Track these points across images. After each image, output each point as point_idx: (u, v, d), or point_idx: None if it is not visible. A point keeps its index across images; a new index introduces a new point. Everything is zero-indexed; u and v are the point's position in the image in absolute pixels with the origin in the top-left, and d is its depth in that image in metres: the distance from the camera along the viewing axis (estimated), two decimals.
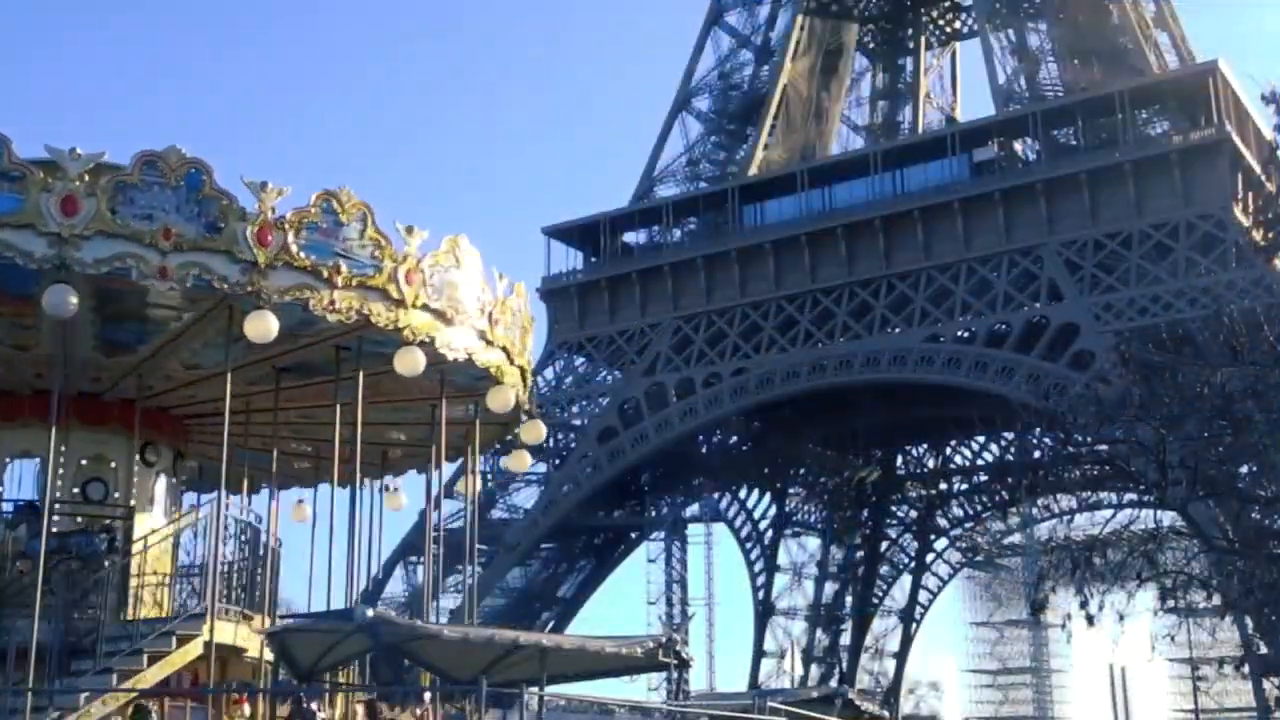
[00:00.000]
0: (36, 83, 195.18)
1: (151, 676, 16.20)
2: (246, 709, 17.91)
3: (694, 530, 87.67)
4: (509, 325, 18.67)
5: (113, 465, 19.07)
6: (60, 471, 18.07)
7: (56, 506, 18.04)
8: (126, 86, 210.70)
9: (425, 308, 16.84)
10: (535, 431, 21.31)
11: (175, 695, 17.72)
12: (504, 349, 18.54)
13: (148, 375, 18.62)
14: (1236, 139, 70.79)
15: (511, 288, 18.91)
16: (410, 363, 16.86)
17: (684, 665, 18.44)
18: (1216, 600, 19.60)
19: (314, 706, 17.88)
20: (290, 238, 15.67)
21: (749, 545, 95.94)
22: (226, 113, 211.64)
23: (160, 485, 19.82)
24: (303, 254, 15.73)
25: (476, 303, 17.77)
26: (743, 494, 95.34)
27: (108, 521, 18.67)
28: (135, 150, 15.46)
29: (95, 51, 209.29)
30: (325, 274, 15.87)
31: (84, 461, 18.75)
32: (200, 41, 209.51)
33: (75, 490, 18.73)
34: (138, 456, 19.20)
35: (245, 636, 17.79)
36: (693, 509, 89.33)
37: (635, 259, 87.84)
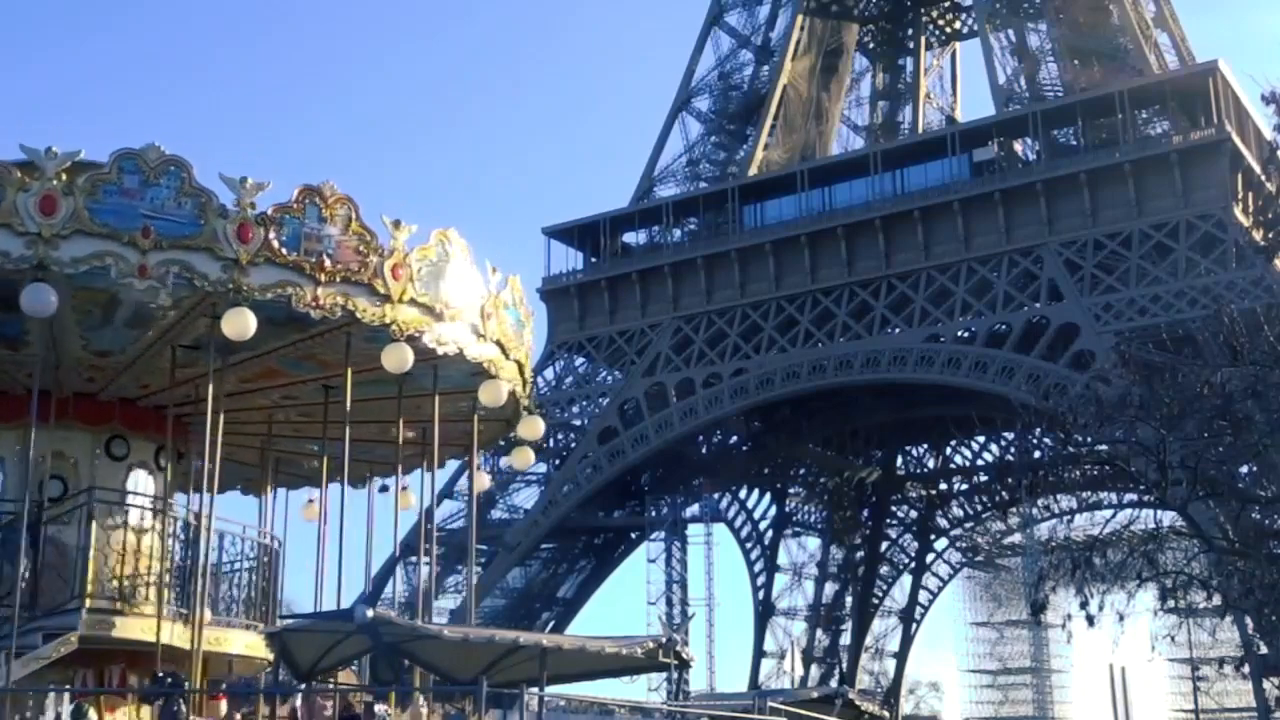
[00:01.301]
0: (36, 83, 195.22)
1: (14, 673, 15.78)
2: (223, 707, 17.88)
3: (694, 530, 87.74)
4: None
5: (72, 461, 18.76)
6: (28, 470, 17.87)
7: (12, 505, 17.82)
8: (126, 87, 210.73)
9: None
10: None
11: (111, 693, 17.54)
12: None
13: (109, 371, 18.33)
14: (1236, 139, 70.80)
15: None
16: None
17: (684, 665, 18.45)
18: (1216, 600, 19.58)
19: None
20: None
21: (749, 545, 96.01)
22: (226, 113, 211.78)
23: (136, 480, 19.35)
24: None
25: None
26: (743, 494, 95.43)
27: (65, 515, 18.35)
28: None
29: (95, 51, 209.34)
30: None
31: (42, 459, 18.39)
32: (199, 42, 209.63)
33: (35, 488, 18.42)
34: (101, 450, 18.87)
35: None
36: (693, 509, 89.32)
37: (635, 259, 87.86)
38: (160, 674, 16.77)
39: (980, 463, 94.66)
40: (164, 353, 17.34)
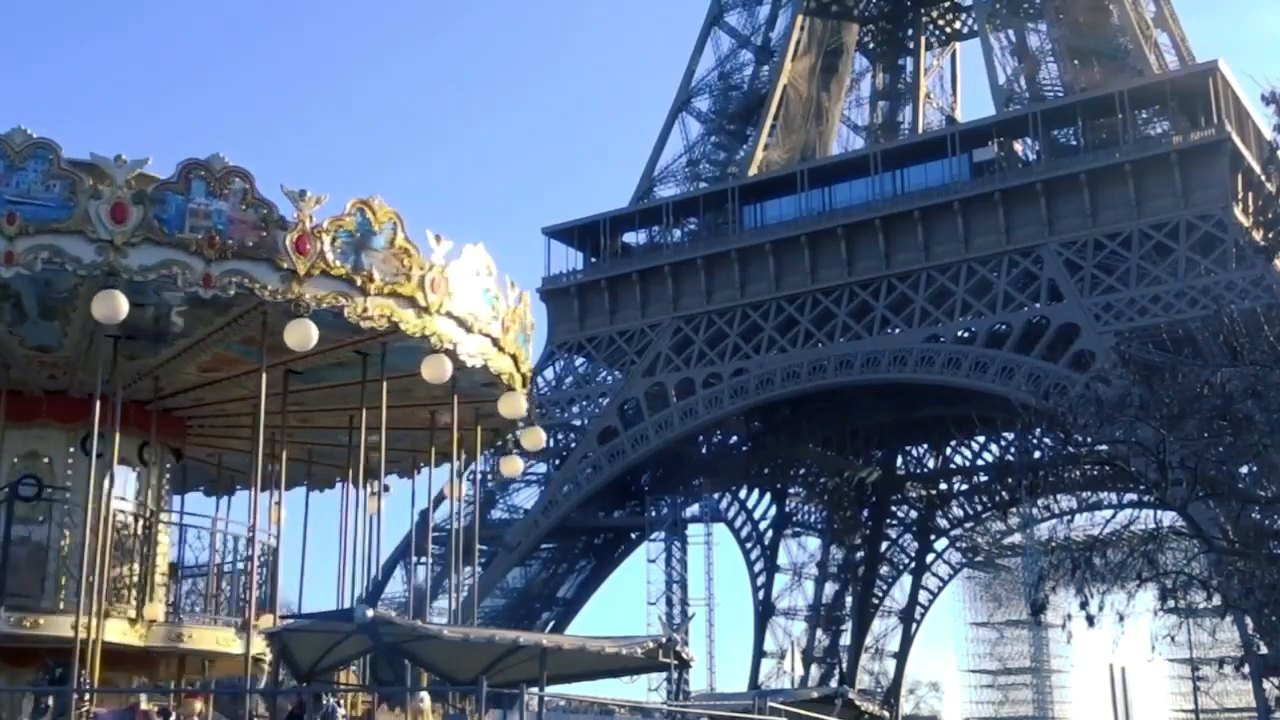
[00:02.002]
0: (36, 83, 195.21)
1: None
2: (198, 705, 17.90)
3: (694, 530, 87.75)
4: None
5: (46, 460, 18.75)
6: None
7: None
8: (126, 87, 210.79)
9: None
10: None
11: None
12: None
13: (63, 366, 18.24)
14: (1236, 139, 70.80)
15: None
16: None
17: (684, 665, 18.46)
18: (1216, 600, 19.55)
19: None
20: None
21: (749, 545, 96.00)
22: (226, 113, 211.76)
23: (119, 477, 19.02)
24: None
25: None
26: (743, 494, 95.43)
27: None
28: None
29: (95, 51, 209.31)
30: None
31: (15, 460, 18.53)
32: (199, 42, 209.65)
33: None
34: (76, 448, 18.73)
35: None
36: (693, 509, 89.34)
37: (635, 259, 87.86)
38: (53, 666, 16.71)
39: (980, 463, 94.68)
40: (105, 344, 16.87)
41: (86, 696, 15.93)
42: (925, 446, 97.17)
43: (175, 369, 18.20)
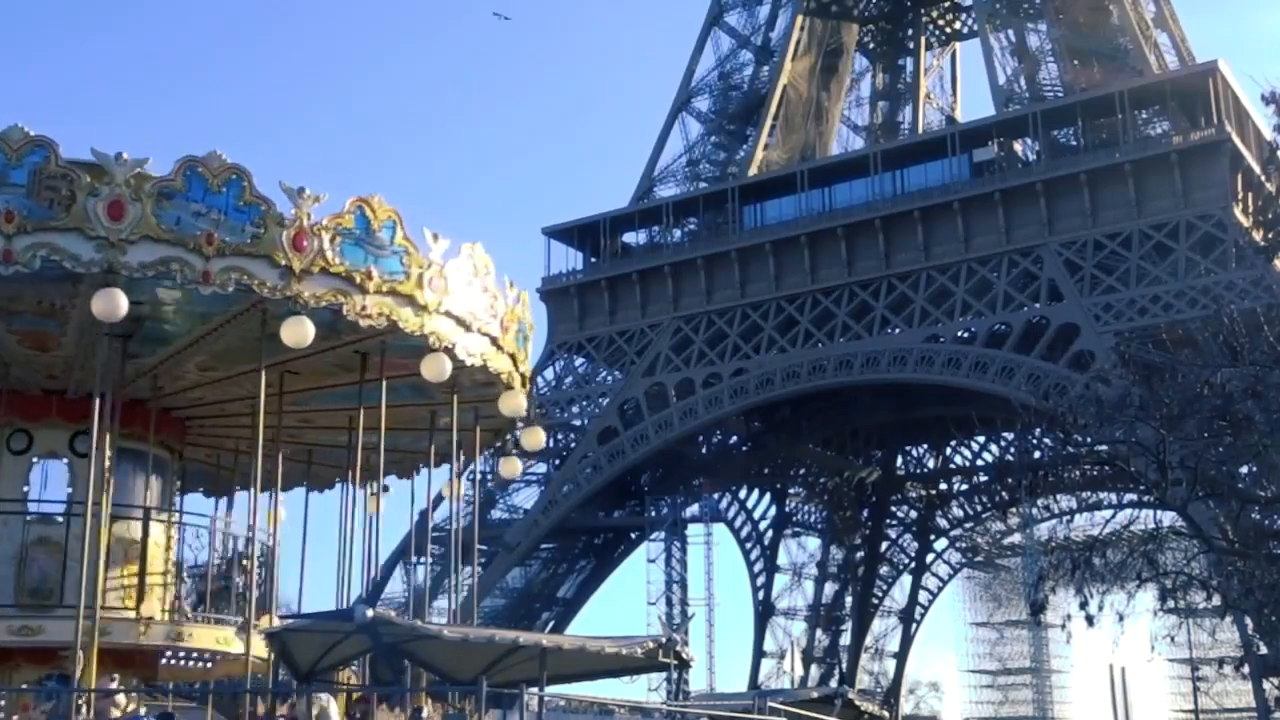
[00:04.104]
0: (36, 83, 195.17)
1: None
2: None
3: (694, 530, 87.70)
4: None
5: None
6: None
7: None
8: (126, 87, 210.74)
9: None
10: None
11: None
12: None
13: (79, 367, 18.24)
14: (1236, 139, 70.78)
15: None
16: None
17: (684, 665, 18.46)
18: (1216, 600, 19.54)
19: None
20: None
21: (749, 545, 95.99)
22: (226, 113, 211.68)
23: (46, 473, 19.27)
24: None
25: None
26: (743, 494, 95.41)
27: None
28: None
29: (95, 51, 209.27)
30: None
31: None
32: (199, 42, 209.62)
33: None
34: (2, 445, 18.72)
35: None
36: (693, 509, 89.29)
37: (635, 259, 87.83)
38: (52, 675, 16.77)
39: (980, 463, 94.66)
40: (103, 343, 16.78)
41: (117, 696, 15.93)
42: (925, 446, 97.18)
43: (173, 368, 18.13)
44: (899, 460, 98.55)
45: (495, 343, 18.15)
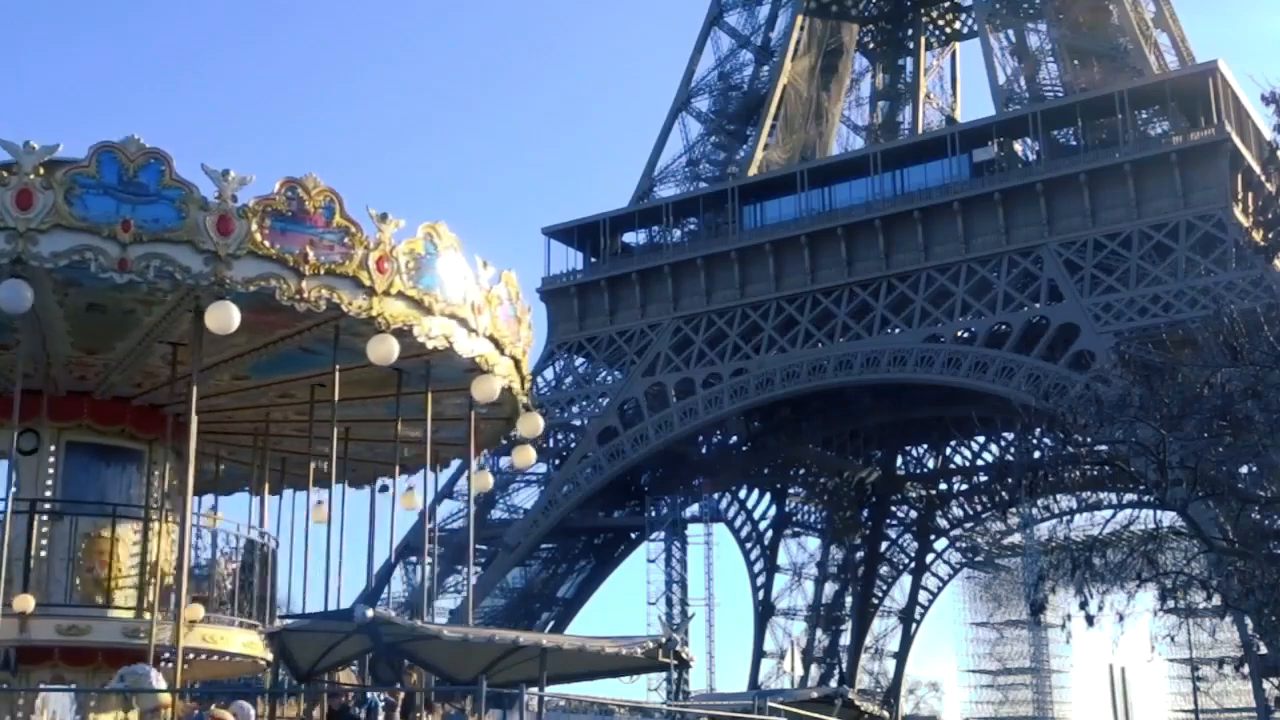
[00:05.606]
0: (36, 83, 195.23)
1: None
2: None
3: (694, 530, 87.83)
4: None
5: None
6: None
7: None
8: (126, 87, 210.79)
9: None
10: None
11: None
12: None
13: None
14: (1236, 139, 70.79)
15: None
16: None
17: (684, 665, 18.45)
18: (1216, 600, 19.54)
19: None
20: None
21: (749, 545, 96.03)
22: (226, 113, 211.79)
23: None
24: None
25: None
26: (743, 494, 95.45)
27: None
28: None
29: (95, 51, 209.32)
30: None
31: None
32: (199, 42, 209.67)
33: None
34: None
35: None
36: (693, 509, 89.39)
37: (635, 259, 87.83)
38: None
39: (980, 463, 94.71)
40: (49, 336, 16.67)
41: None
42: (925, 447, 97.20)
43: (131, 364, 17.74)
44: (899, 460, 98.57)
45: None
